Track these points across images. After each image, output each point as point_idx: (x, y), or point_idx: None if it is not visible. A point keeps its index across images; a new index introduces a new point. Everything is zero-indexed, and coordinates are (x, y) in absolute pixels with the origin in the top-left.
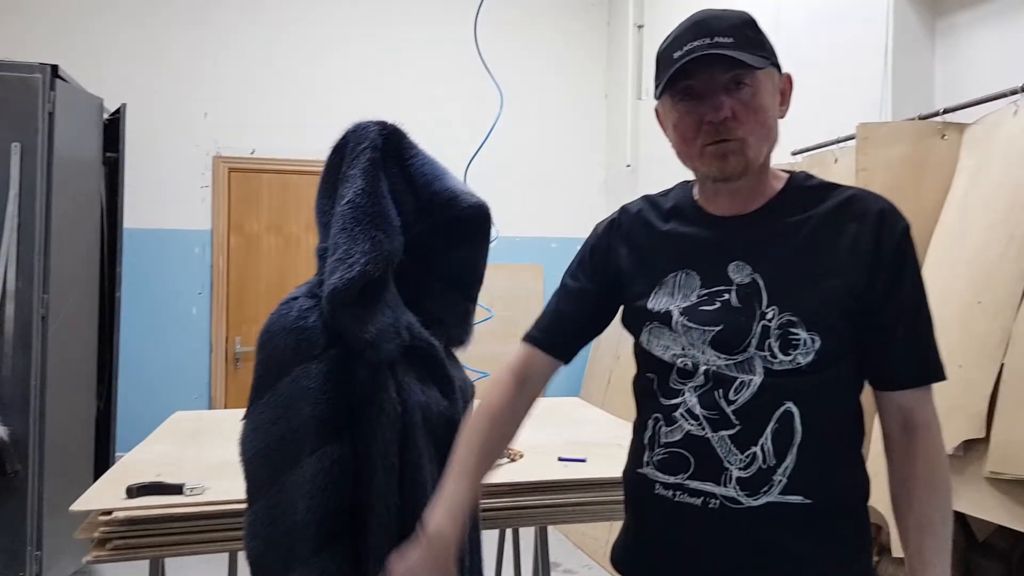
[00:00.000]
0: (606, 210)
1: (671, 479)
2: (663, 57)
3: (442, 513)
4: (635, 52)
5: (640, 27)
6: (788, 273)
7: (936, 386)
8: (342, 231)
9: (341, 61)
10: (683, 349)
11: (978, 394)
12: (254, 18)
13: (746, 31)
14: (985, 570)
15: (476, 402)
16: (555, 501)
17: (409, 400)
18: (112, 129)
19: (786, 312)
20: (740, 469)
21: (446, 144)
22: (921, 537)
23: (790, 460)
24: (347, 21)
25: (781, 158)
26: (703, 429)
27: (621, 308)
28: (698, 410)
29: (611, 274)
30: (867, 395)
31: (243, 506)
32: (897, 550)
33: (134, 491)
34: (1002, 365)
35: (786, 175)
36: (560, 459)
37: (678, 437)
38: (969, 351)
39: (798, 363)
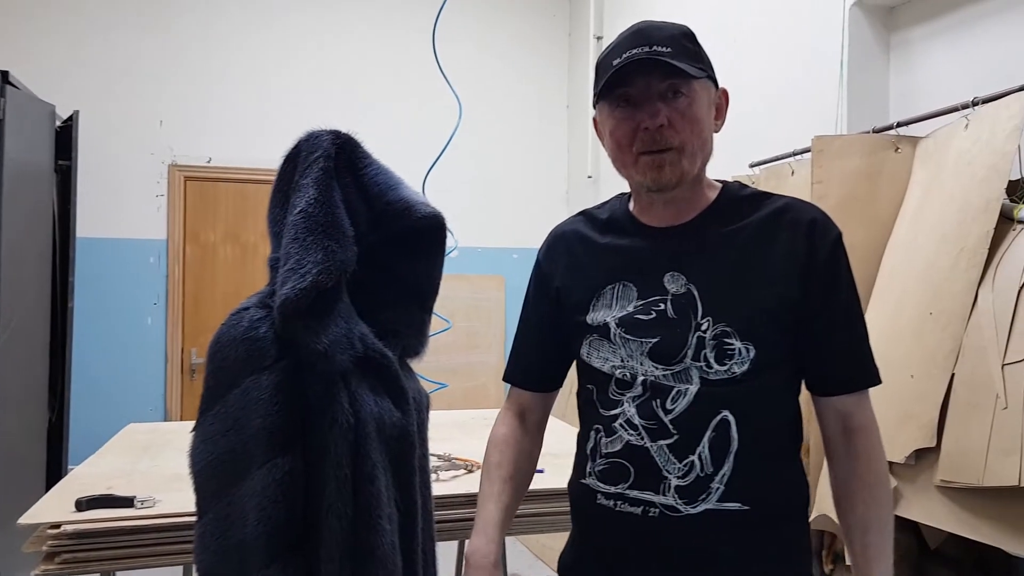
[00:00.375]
0: None
1: (612, 489)
2: (602, 65)
3: (479, 537)
4: (595, 63)
5: (599, 38)
6: (722, 283)
7: (889, 396)
8: (294, 241)
9: (298, 69)
10: (622, 361)
11: (929, 404)
12: (210, 25)
13: (684, 42)
14: None
15: (434, 413)
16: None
17: (362, 411)
18: (64, 136)
19: (720, 323)
20: (678, 478)
21: (405, 154)
22: (865, 537)
23: (727, 468)
24: (304, 29)
25: (739, 170)
26: (642, 439)
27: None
28: (637, 420)
29: (555, 295)
30: (804, 400)
31: (195, 519)
32: None
33: (83, 504)
34: (953, 375)
35: (720, 185)
36: None
37: (618, 447)
38: (921, 361)
39: (733, 372)
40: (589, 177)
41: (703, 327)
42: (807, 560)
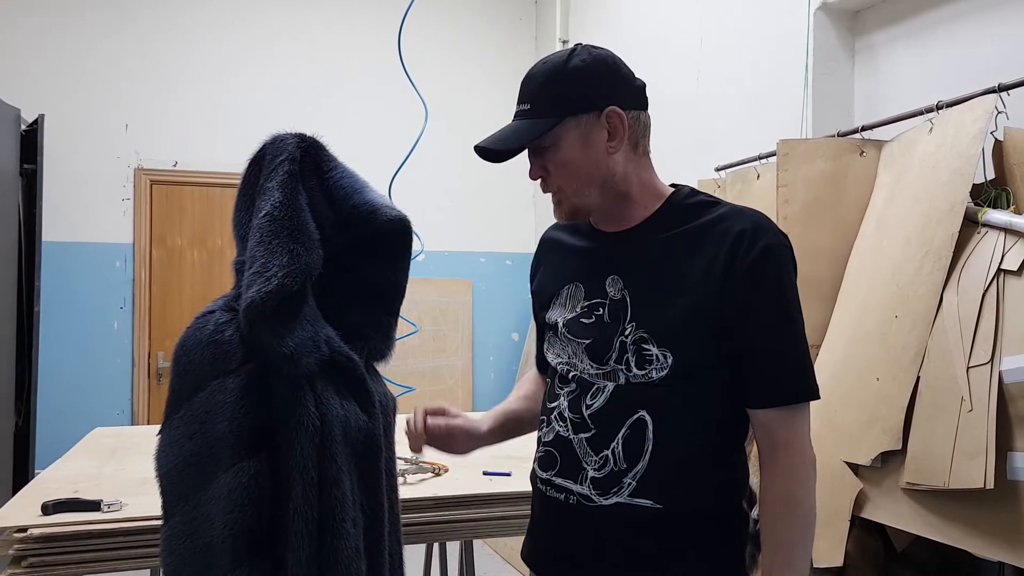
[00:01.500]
0: (534, 225)
1: (544, 475)
2: None
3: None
4: None
5: (564, 42)
6: (650, 290)
7: (855, 399)
8: (259, 244)
9: (264, 73)
10: (568, 358)
11: (895, 406)
12: (175, 29)
13: (546, 90)
14: None
15: (401, 416)
16: (480, 515)
17: (328, 414)
18: (30, 140)
19: (641, 329)
20: (595, 470)
21: (372, 159)
22: (772, 554)
23: (641, 465)
24: (269, 33)
25: (705, 174)
26: (568, 431)
27: None
28: (567, 413)
29: (534, 294)
30: None
31: (161, 522)
32: (820, 561)
33: (50, 508)
34: (918, 378)
35: (671, 191)
36: (485, 473)
37: (551, 437)
38: (886, 364)
39: (651, 377)
40: None
41: (626, 332)
42: (735, 559)
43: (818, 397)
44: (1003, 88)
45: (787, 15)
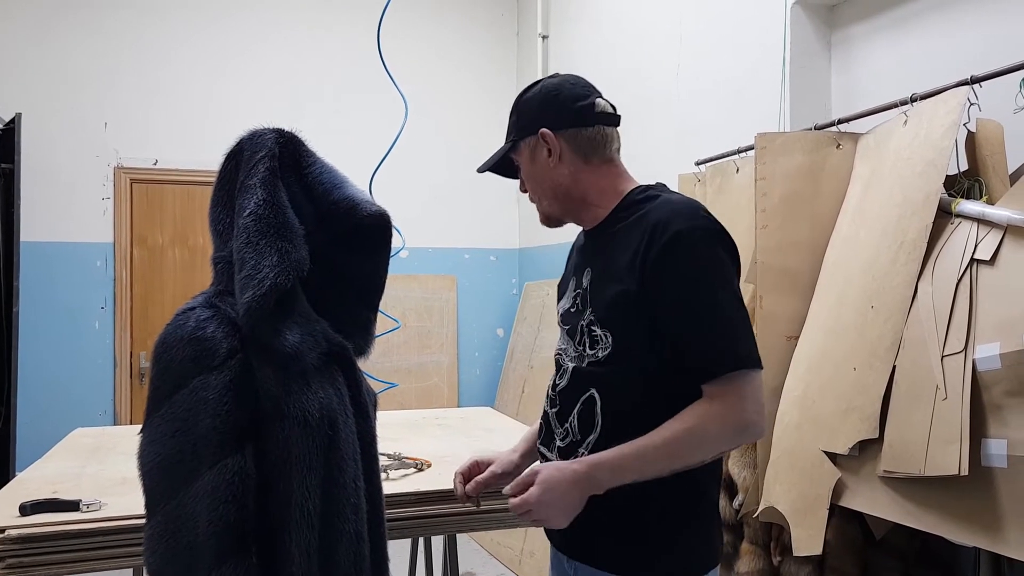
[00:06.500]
0: (518, 221)
1: (538, 443)
2: None
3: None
4: (543, 62)
5: (545, 37)
6: (599, 279)
7: (832, 388)
8: (247, 245)
9: (243, 69)
10: (562, 344)
11: (872, 396)
12: (153, 27)
13: (511, 118)
14: (883, 567)
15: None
16: (463, 509)
17: (325, 406)
18: (7, 139)
19: (592, 313)
20: (560, 440)
21: (353, 155)
22: (653, 435)
23: (593, 436)
24: (249, 28)
25: (685, 168)
26: (548, 406)
27: None
28: (549, 392)
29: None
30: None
31: (143, 521)
32: (800, 550)
33: (28, 508)
34: (894, 368)
35: (626, 192)
36: None
37: (542, 412)
38: (863, 354)
39: (598, 357)
40: None
41: (585, 316)
42: (683, 515)
43: (753, 364)
44: (975, 80)
45: (764, 10)
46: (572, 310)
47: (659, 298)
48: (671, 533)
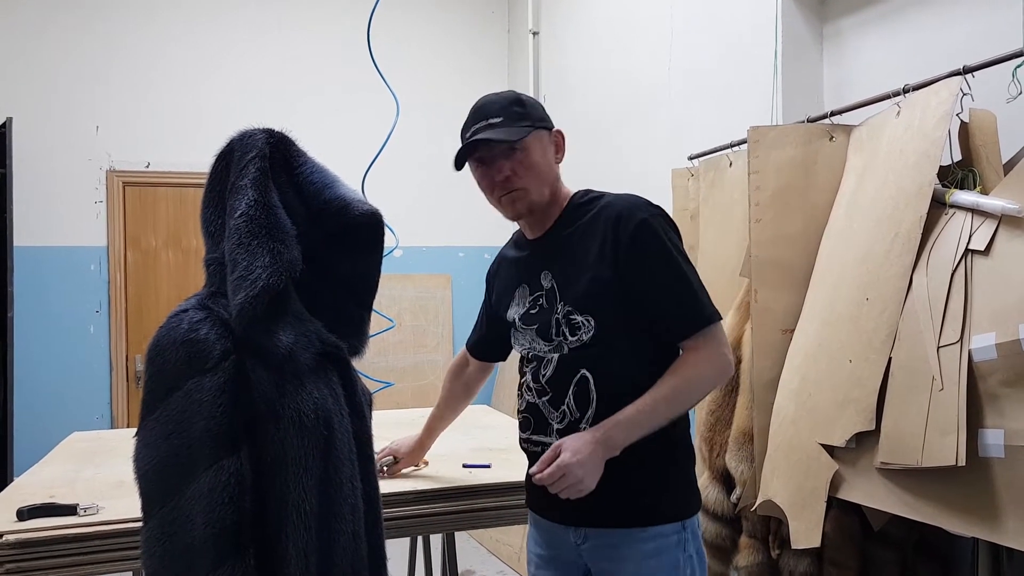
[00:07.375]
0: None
1: (524, 435)
2: (461, 137)
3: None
4: (534, 59)
5: (536, 34)
6: (568, 275)
7: (828, 381)
8: (239, 246)
9: (234, 71)
10: (528, 343)
11: (868, 388)
12: (144, 29)
13: (513, 108)
14: (882, 559)
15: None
16: (460, 507)
17: (321, 406)
18: None
19: (567, 304)
20: (558, 423)
21: (345, 155)
22: (653, 391)
23: (591, 412)
24: (239, 30)
25: (678, 162)
26: (535, 397)
27: None
28: (532, 384)
29: (491, 299)
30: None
31: (140, 524)
32: (798, 543)
33: (24, 513)
34: (890, 359)
35: (569, 197)
36: (465, 465)
37: (524, 405)
38: (859, 346)
39: (583, 340)
40: None
41: (558, 310)
42: (673, 484)
43: (718, 318)
44: (968, 70)
45: (756, 3)
46: (534, 311)
47: (637, 279)
48: (662, 480)
